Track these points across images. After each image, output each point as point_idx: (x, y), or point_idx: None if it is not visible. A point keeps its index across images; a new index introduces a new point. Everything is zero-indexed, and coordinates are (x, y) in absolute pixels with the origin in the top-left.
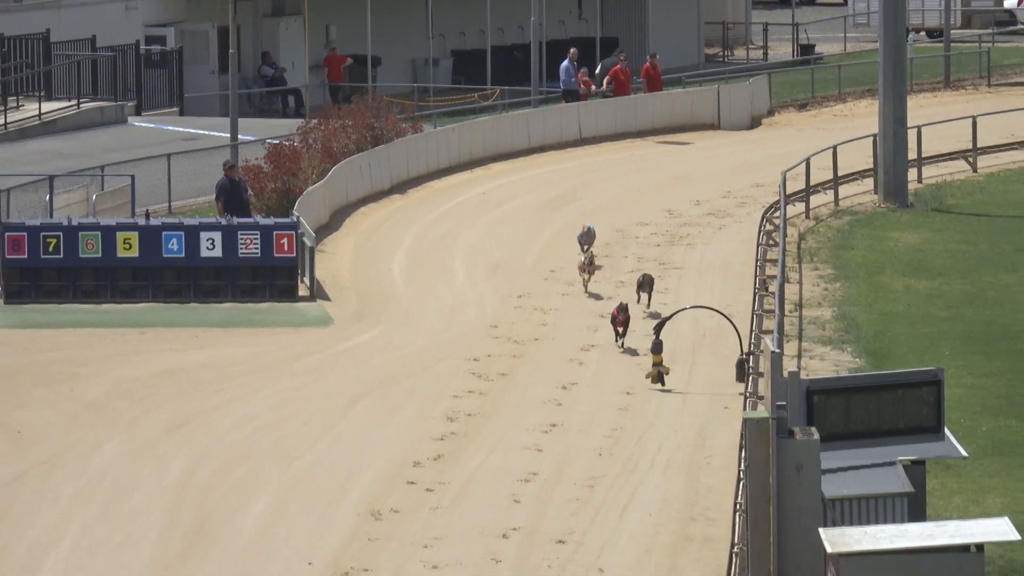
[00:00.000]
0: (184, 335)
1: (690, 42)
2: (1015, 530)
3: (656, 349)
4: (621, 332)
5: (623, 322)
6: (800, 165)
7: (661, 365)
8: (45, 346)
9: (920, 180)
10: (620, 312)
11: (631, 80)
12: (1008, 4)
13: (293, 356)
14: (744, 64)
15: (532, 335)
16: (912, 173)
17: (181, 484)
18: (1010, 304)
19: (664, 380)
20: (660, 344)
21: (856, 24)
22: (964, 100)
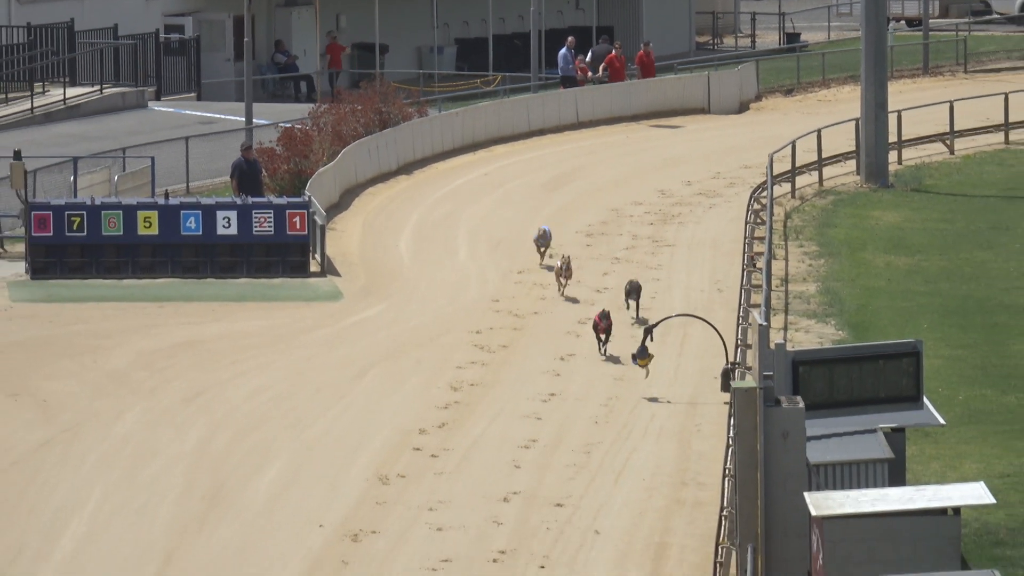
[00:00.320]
0: (201, 309)
1: (681, 31)
2: (990, 494)
3: (641, 354)
4: (604, 339)
5: (605, 329)
6: (786, 147)
7: (647, 367)
8: (69, 319)
9: (900, 162)
10: (602, 319)
11: (626, 67)
12: None
13: (305, 329)
14: (733, 52)
15: (532, 309)
16: (893, 155)
17: (198, 451)
18: (985, 279)
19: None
20: (645, 350)
21: (839, 14)
22: (942, 86)
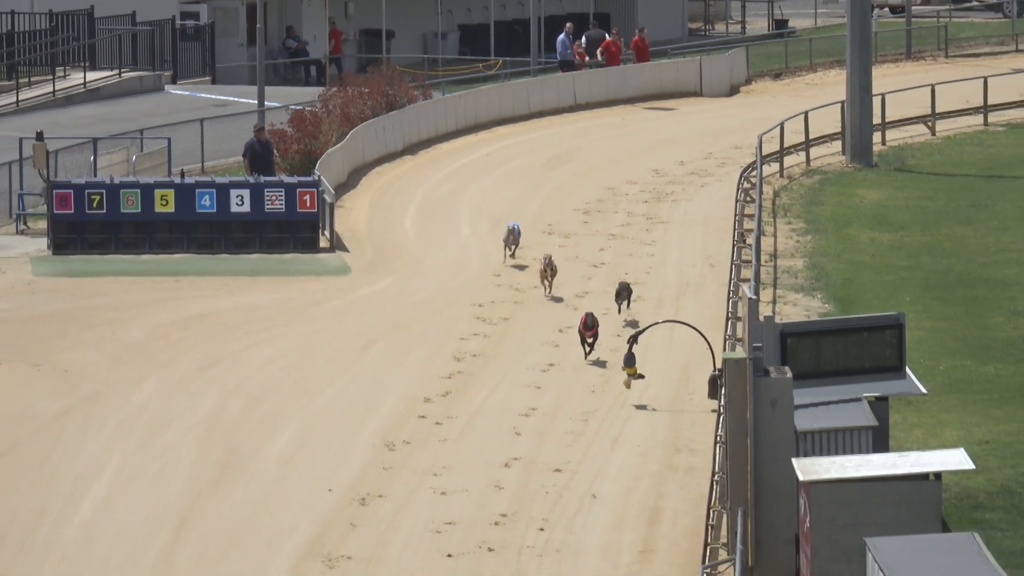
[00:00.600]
0: (215, 283)
1: (674, 17)
2: (970, 460)
3: (628, 362)
4: (590, 343)
5: (593, 335)
6: (775, 129)
7: (635, 376)
8: (90, 293)
9: (884, 142)
10: (587, 327)
11: (621, 51)
12: None
13: (314, 302)
14: (724, 37)
15: (531, 283)
16: (877, 136)
17: (212, 418)
18: (965, 254)
19: (634, 380)
20: (633, 357)
21: (826, 1)
22: (923, 70)
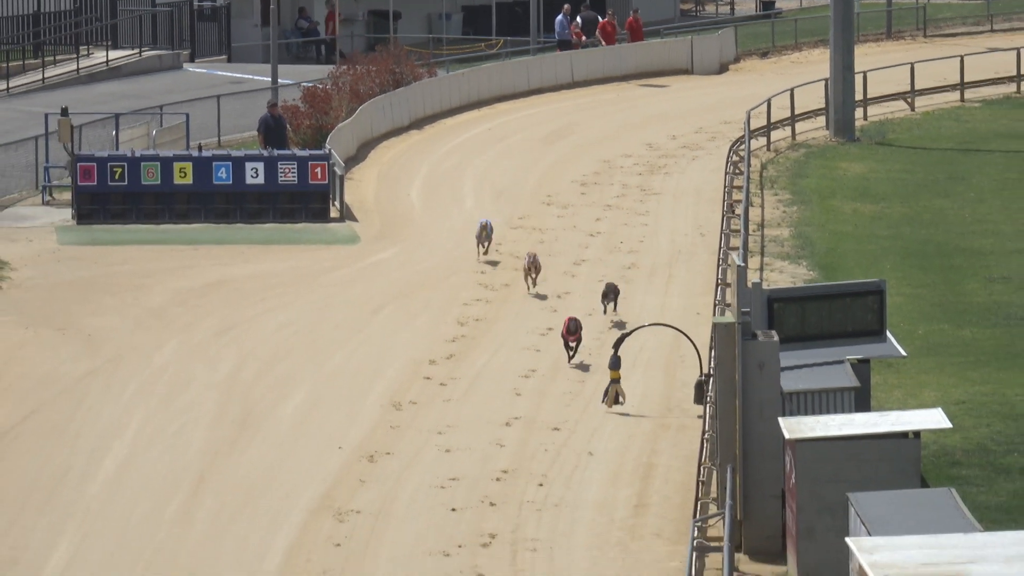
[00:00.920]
0: (232, 251)
1: None
2: (947, 419)
3: (614, 365)
4: (573, 347)
5: (576, 339)
6: (762, 105)
7: (618, 382)
8: (113, 260)
9: (866, 118)
10: (570, 332)
11: (616, 31)
12: None
13: (325, 270)
14: (713, 18)
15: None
16: (859, 112)
17: (229, 380)
18: (943, 225)
19: (621, 399)
20: (618, 360)
21: None
22: (903, 49)
